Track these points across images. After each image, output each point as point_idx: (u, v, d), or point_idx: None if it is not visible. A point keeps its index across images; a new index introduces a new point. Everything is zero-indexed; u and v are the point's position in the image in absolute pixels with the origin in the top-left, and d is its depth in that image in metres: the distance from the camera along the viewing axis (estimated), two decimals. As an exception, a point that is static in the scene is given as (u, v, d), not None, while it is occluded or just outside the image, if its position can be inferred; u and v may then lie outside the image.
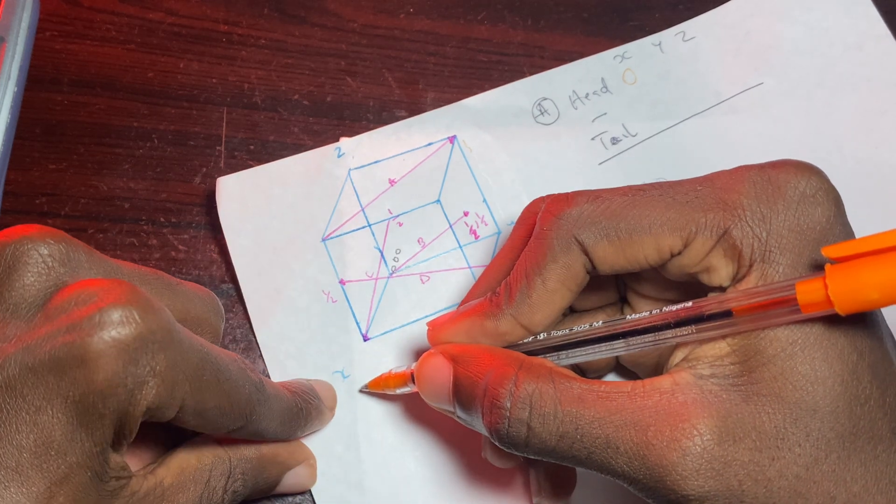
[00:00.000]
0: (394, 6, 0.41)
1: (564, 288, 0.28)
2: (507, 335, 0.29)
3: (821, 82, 0.40)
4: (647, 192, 0.27)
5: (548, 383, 0.26)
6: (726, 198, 0.26)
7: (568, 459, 0.26)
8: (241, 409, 0.28)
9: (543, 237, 0.28)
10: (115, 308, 0.24)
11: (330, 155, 0.38)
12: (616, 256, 0.28)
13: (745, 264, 0.26)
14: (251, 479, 0.30)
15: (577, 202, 0.28)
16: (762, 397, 0.24)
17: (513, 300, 0.29)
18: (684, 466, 0.24)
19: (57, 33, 0.39)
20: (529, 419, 0.26)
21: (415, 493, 0.34)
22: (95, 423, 0.24)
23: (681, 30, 0.41)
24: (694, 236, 0.26)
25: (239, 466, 0.30)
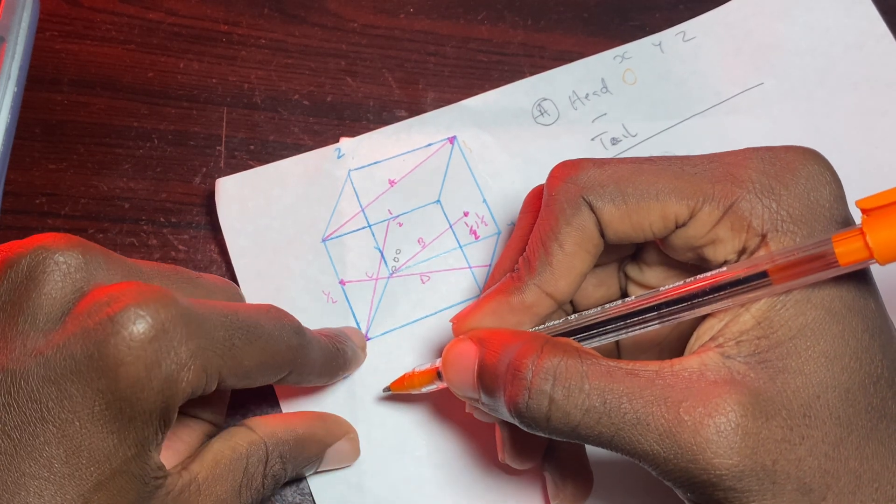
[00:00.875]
0: (394, 6, 0.41)
1: (582, 250, 0.28)
2: (534, 307, 0.29)
3: (821, 82, 0.40)
4: (656, 163, 0.28)
5: (574, 358, 0.26)
6: (735, 172, 0.26)
7: (591, 439, 0.25)
8: (282, 358, 0.28)
9: (553, 203, 0.28)
10: (127, 311, 0.24)
11: (330, 156, 0.38)
12: (622, 222, 0.27)
13: (755, 235, 0.26)
14: (291, 460, 0.30)
15: (584, 167, 0.28)
16: (788, 374, 0.24)
17: (534, 270, 0.28)
18: (718, 444, 0.24)
19: (57, 33, 0.39)
20: (552, 391, 0.25)
21: (415, 494, 0.34)
22: (126, 427, 0.24)
23: (681, 30, 0.41)
24: (701, 206, 0.26)
25: (276, 450, 0.30)
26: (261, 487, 0.29)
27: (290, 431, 0.31)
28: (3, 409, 0.24)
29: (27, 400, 0.24)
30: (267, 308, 0.29)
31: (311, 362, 0.30)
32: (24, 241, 0.26)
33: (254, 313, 0.28)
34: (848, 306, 0.25)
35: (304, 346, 0.29)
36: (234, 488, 0.28)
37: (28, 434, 0.24)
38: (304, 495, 0.34)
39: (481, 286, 0.36)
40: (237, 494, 0.28)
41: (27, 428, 0.24)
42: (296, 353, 0.29)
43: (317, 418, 0.33)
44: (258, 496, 0.29)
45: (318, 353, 0.31)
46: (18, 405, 0.24)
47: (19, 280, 0.25)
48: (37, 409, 0.24)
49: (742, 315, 0.26)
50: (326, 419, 0.33)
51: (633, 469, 0.34)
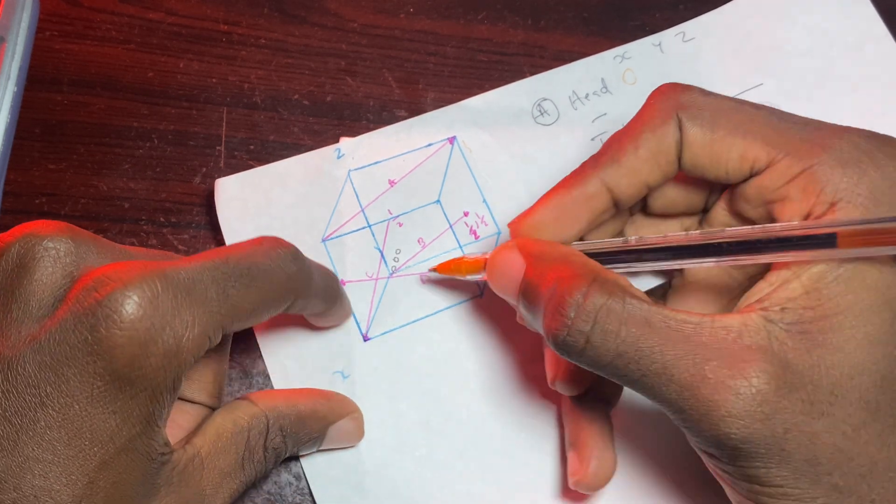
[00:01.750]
0: (394, 6, 0.41)
1: (654, 160, 0.28)
2: (593, 200, 0.29)
3: (820, 83, 0.40)
4: (759, 108, 0.28)
5: (618, 301, 0.26)
6: (828, 138, 0.26)
7: (617, 377, 0.26)
8: (283, 289, 0.28)
9: (647, 109, 0.29)
10: (114, 294, 0.24)
11: (329, 156, 0.38)
12: (703, 149, 0.28)
13: (823, 202, 0.26)
14: (291, 434, 0.31)
15: (692, 90, 0.28)
16: (825, 349, 0.25)
17: (601, 163, 0.29)
18: (734, 405, 0.24)
19: (57, 33, 0.39)
20: (591, 332, 0.26)
21: (415, 494, 0.34)
22: (129, 405, 0.24)
23: (681, 30, 0.41)
24: (780, 159, 0.26)
25: (276, 423, 0.30)
26: (262, 460, 0.29)
27: (291, 406, 0.31)
28: (3, 396, 0.24)
29: (25, 386, 0.24)
30: (259, 241, 0.29)
31: (314, 287, 0.30)
32: (13, 229, 0.26)
33: (246, 253, 0.28)
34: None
35: (303, 271, 0.29)
36: (237, 461, 0.28)
37: (29, 419, 0.24)
38: (304, 495, 0.34)
39: (481, 286, 0.36)
40: (240, 467, 0.29)
41: (28, 413, 0.24)
42: (296, 281, 0.29)
43: (320, 395, 0.33)
44: (261, 468, 0.30)
45: (319, 277, 0.31)
46: (17, 391, 0.24)
47: (10, 268, 0.25)
48: (35, 394, 0.24)
49: (792, 282, 0.26)
50: (330, 397, 0.33)
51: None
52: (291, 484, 0.34)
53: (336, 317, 0.35)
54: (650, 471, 0.34)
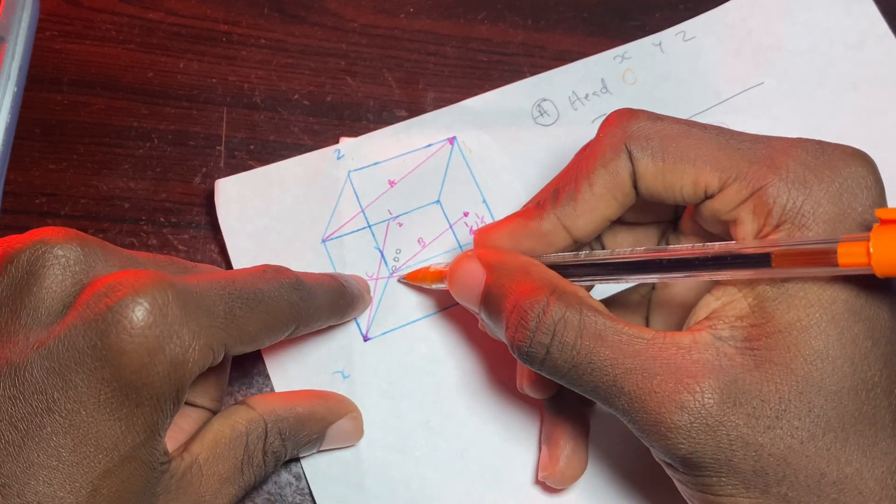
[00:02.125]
0: (394, 6, 0.41)
1: (610, 195, 0.29)
2: (549, 236, 0.29)
3: (821, 82, 0.40)
4: (707, 130, 0.28)
5: (575, 313, 0.27)
6: (776, 157, 0.27)
7: (574, 386, 0.27)
8: (285, 317, 0.29)
9: (597, 144, 0.29)
10: (126, 299, 0.24)
11: (329, 157, 0.38)
12: (656, 178, 0.28)
13: (771, 223, 0.26)
14: (290, 437, 0.31)
15: (639, 117, 0.29)
16: (773, 365, 0.25)
17: (559, 202, 0.29)
18: (679, 418, 0.25)
19: (57, 33, 0.39)
20: (550, 344, 0.27)
21: (415, 494, 0.34)
22: (134, 413, 0.25)
23: (681, 29, 0.41)
24: (731, 182, 0.27)
25: (275, 427, 0.30)
26: (262, 464, 0.30)
27: (289, 409, 0.31)
28: (10, 401, 0.24)
29: (32, 391, 0.24)
30: (263, 269, 0.29)
31: (317, 311, 0.31)
32: (23, 235, 0.26)
33: (251, 278, 0.28)
34: (852, 310, 0.25)
35: (305, 300, 0.30)
36: (236, 466, 0.29)
37: (35, 424, 0.24)
38: (303, 495, 0.34)
39: (481, 286, 0.36)
40: (239, 472, 0.29)
41: (34, 419, 0.24)
42: (298, 309, 0.29)
43: (318, 397, 0.33)
44: (260, 473, 0.30)
45: (323, 298, 0.31)
46: (24, 397, 0.24)
47: (20, 275, 0.25)
48: (42, 399, 0.24)
49: (739, 300, 0.26)
50: (328, 398, 0.33)
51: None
52: (291, 484, 0.34)
53: (352, 317, 0.35)
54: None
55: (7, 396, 0.24)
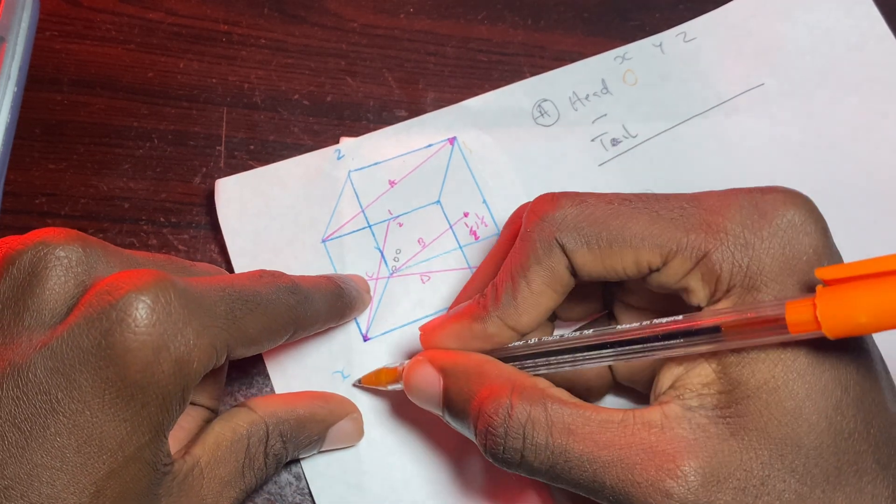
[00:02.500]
0: (394, 6, 0.41)
1: (549, 290, 0.28)
2: (495, 337, 0.29)
3: (822, 83, 0.40)
4: (633, 204, 0.27)
5: (540, 409, 0.26)
6: (711, 220, 0.26)
7: (558, 483, 0.27)
8: (283, 320, 0.29)
9: (527, 238, 0.28)
10: (129, 297, 0.24)
11: (329, 157, 0.38)
12: (595, 264, 0.27)
13: (721, 289, 0.26)
14: (291, 439, 0.31)
15: (562, 205, 0.28)
16: (749, 431, 0.24)
17: (499, 302, 0.29)
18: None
19: (57, 33, 0.39)
20: (523, 448, 0.26)
21: (415, 494, 0.34)
22: (139, 413, 0.24)
23: (682, 30, 0.41)
24: (674, 255, 0.26)
25: (276, 429, 0.30)
26: (263, 467, 0.30)
27: (290, 411, 0.31)
28: (13, 402, 0.24)
29: (36, 392, 0.24)
30: (259, 274, 0.29)
31: (315, 314, 0.31)
32: (23, 236, 0.26)
33: (248, 281, 0.28)
34: (814, 363, 0.24)
35: (302, 303, 0.30)
36: (237, 469, 0.29)
37: (39, 425, 0.24)
38: (304, 495, 0.34)
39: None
40: (240, 475, 0.29)
41: (37, 419, 0.24)
42: (296, 312, 0.29)
43: (318, 398, 0.33)
44: (261, 475, 0.30)
45: (321, 302, 0.31)
46: (28, 398, 0.24)
47: (21, 277, 0.25)
48: (46, 400, 0.24)
49: (702, 367, 0.26)
50: (329, 399, 0.33)
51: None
52: (291, 484, 0.34)
53: (352, 318, 0.35)
54: None
55: (10, 397, 0.24)
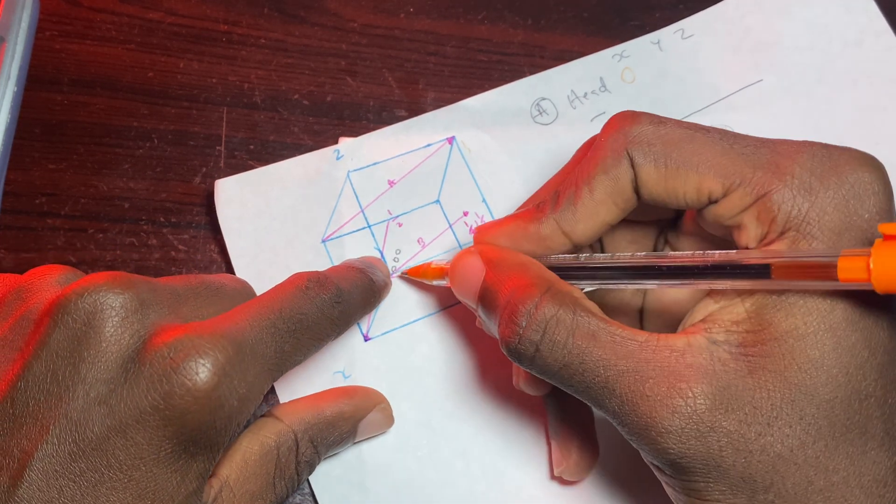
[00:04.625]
0: (394, 6, 0.41)
1: (610, 201, 0.28)
2: (547, 240, 0.29)
3: (820, 79, 0.40)
4: (710, 134, 0.27)
5: (568, 312, 0.26)
6: (780, 162, 0.26)
7: (566, 386, 0.27)
8: (327, 335, 0.30)
9: (598, 147, 0.29)
10: (189, 363, 0.25)
11: (329, 157, 0.38)
12: (658, 184, 0.28)
13: (775, 230, 0.26)
14: (322, 442, 0.31)
15: (640, 121, 0.28)
16: (767, 372, 0.25)
17: (558, 206, 0.29)
18: (671, 423, 0.25)
19: (57, 33, 0.39)
20: (540, 342, 0.26)
21: (417, 494, 0.34)
22: (189, 464, 0.25)
23: (679, 27, 0.41)
24: (735, 188, 0.26)
25: (304, 435, 0.30)
26: (295, 475, 0.30)
27: (317, 414, 0.31)
28: (69, 458, 0.24)
29: (93, 448, 0.24)
30: (304, 286, 0.29)
31: (353, 317, 0.32)
32: (75, 284, 0.26)
33: (295, 302, 0.28)
34: (850, 321, 0.25)
35: (345, 312, 0.30)
36: (268, 482, 0.29)
37: (94, 481, 0.24)
38: (304, 495, 0.34)
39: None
40: (271, 487, 0.29)
41: (93, 474, 0.24)
42: (338, 324, 0.30)
43: (344, 395, 0.33)
44: (293, 484, 0.30)
45: (358, 301, 0.32)
46: (84, 453, 0.24)
47: (77, 326, 0.25)
48: (103, 456, 0.24)
49: (737, 305, 0.26)
50: (354, 394, 0.33)
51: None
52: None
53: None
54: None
55: (67, 452, 0.24)
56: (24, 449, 0.24)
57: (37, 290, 0.27)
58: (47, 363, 0.25)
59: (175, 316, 0.27)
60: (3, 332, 0.27)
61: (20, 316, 0.27)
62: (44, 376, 0.25)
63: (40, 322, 0.26)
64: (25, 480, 0.24)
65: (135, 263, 0.36)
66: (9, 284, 0.28)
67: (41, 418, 0.24)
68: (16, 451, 0.24)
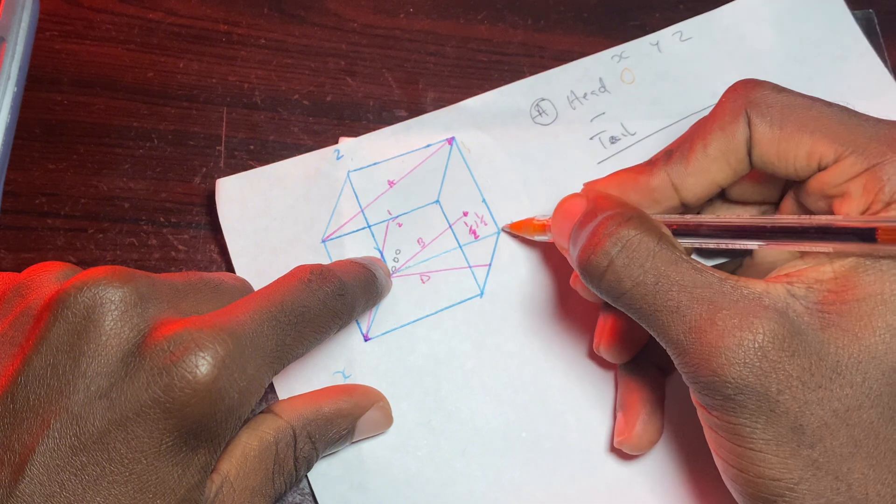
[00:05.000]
0: (394, 6, 0.41)
1: (723, 159, 0.29)
2: (656, 192, 0.30)
3: (810, 90, 0.40)
4: (830, 106, 0.28)
5: (653, 238, 0.27)
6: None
7: (631, 309, 0.27)
8: (329, 328, 0.30)
9: (718, 108, 0.29)
10: (189, 357, 0.25)
11: (329, 157, 0.38)
12: (771, 146, 0.28)
13: (881, 201, 0.26)
14: (320, 438, 0.31)
15: (764, 87, 0.29)
16: (840, 330, 0.25)
17: (671, 159, 0.30)
18: (734, 353, 0.25)
19: (57, 33, 0.39)
20: (616, 255, 0.27)
21: (417, 494, 0.34)
22: (191, 457, 0.25)
23: (678, 29, 0.41)
24: (847, 156, 0.27)
25: (303, 431, 0.30)
26: (293, 471, 0.30)
27: (315, 411, 0.31)
28: (70, 451, 0.24)
29: (94, 442, 0.24)
30: (307, 279, 0.29)
31: (355, 311, 0.31)
32: (74, 278, 0.26)
33: (298, 295, 0.28)
34: None
35: (347, 304, 0.30)
36: (267, 477, 0.29)
37: (96, 474, 0.24)
38: (304, 495, 0.34)
39: (481, 285, 0.37)
40: (270, 482, 0.29)
41: (94, 468, 0.24)
42: (341, 316, 0.30)
43: (343, 392, 0.33)
44: (292, 480, 0.30)
45: (360, 295, 0.32)
46: (86, 448, 0.24)
47: (77, 321, 0.25)
48: (104, 450, 0.24)
49: (825, 265, 0.26)
50: (353, 392, 0.33)
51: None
52: (292, 483, 0.34)
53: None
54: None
55: (69, 446, 0.24)
56: (25, 444, 0.24)
57: (36, 286, 0.27)
58: (47, 357, 0.25)
59: (174, 311, 0.27)
60: (2, 328, 0.27)
61: (20, 312, 0.27)
62: (44, 371, 0.25)
63: (40, 317, 0.26)
64: (27, 475, 0.23)
65: (135, 263, 0.36)
66: (8, 282, 0.28)
67: (42, 413, 0.24)
68: (17, 445, 0.24)
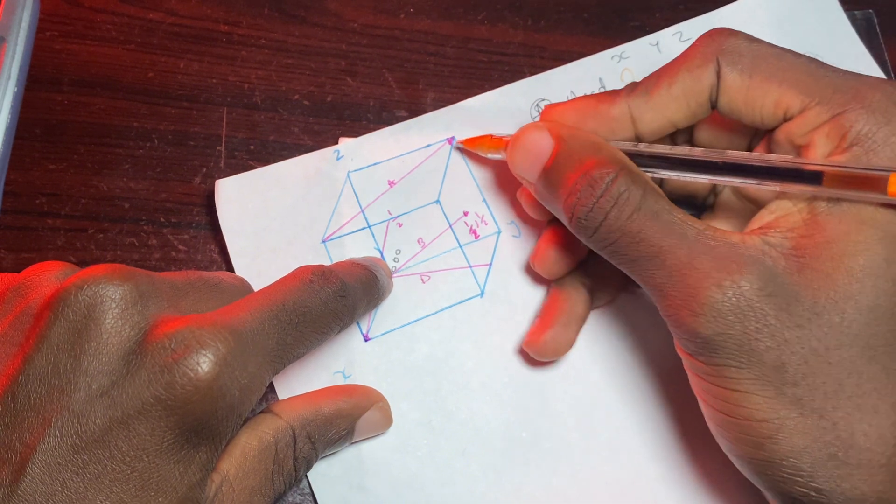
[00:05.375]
0: (394, 6, 0.41)
1: (684, 99, 0.30)
2: (613, 122, 0.31)
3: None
4: (800, 57, 0.29)
5: (638, 189, 0.28)
6: (863, 90, 0.27)
7: (618, 257, 0.28)
8: (330, 328, 0.30)
9: (691, 49, 0.30)
10: (191, 355, 0.25)
11: (329, 157, 0.38)
12: (739, 93, 0.29)
13: (842, 147, 0.27)
14: (319, 438, 0.31)
15: (738, 36, 0.29)
16: (814, 272, 0.25)
17: (635, 92, 0.30)
18: (713, 295, 0.26)
19: (57, 33, 0.39)
20: (609, 211, 0.28)
21: (417, 494, 0.34)
22: (192, 454, 0.25)
23: (678, 30, 0.41)
24: (813, 106, 0.27)
25: (302, 431, 0.30)
26: (293, 471, 0.30)
27: (315, 411, 0.31)
28: (72, 449, 0.24)
29: (95, 440, 0.24)
30: (308, 279, 0.29)
31: (356, 312, 0.31)
32: (74, 277, 0.26)
33: (299, 295, 0.28)
34: None
35: (349, 305, 0.30)
36: (267, 477, 0.29)
37: (98, 473, 0.24)
38: (304, 495, 0.34)
39: (482, 285, 0.37)
40: (270, 482, 0.29)
41: (96, 466, 0.24)
42: (342, 318, 0.30)
43: (342, 393, 0.33)
44: (291, 479, 0.30)
45: (362, 296, 0.32)
46: (87, 446, 0.24)
47: (77, 319, 0.25)
48: (105, 448, 0.24)
49: (794, 215, 0.27)
50: (352, 392, 0.33)
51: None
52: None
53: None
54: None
55: (70, 445, 0.24)
56: (26, 443, 0.24)
57: (36, 285, 0.27)
58: (48, 356, 0.25)
59: (174, 309, 0.27)
60: (2, 328, 0.27)
61: (20, 312, 0.27)
62: (45, 369, 0.25)
63: (40, 316, 0.26)
64: (28, 474, 0.23)
65: (135, 263, 0.36)
66: (7, 282, 0.28)
67: (43, 411, 0.24)
68: (18, 444, 0.24)
